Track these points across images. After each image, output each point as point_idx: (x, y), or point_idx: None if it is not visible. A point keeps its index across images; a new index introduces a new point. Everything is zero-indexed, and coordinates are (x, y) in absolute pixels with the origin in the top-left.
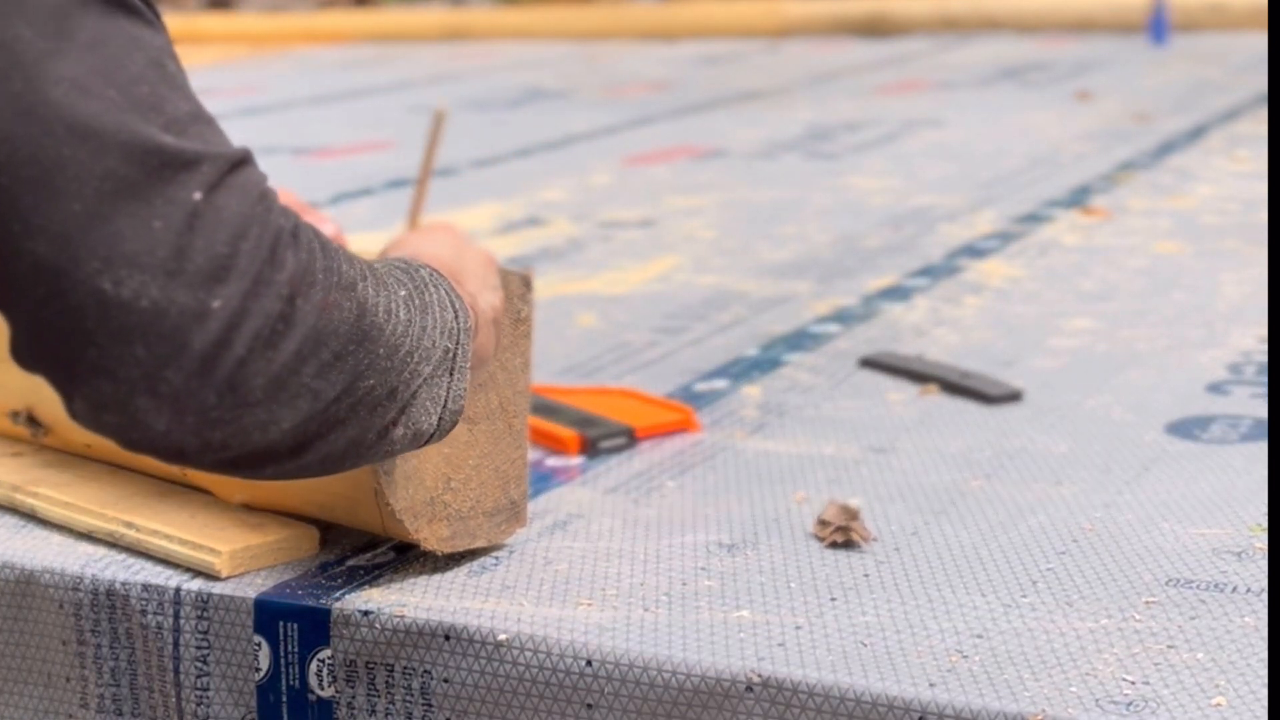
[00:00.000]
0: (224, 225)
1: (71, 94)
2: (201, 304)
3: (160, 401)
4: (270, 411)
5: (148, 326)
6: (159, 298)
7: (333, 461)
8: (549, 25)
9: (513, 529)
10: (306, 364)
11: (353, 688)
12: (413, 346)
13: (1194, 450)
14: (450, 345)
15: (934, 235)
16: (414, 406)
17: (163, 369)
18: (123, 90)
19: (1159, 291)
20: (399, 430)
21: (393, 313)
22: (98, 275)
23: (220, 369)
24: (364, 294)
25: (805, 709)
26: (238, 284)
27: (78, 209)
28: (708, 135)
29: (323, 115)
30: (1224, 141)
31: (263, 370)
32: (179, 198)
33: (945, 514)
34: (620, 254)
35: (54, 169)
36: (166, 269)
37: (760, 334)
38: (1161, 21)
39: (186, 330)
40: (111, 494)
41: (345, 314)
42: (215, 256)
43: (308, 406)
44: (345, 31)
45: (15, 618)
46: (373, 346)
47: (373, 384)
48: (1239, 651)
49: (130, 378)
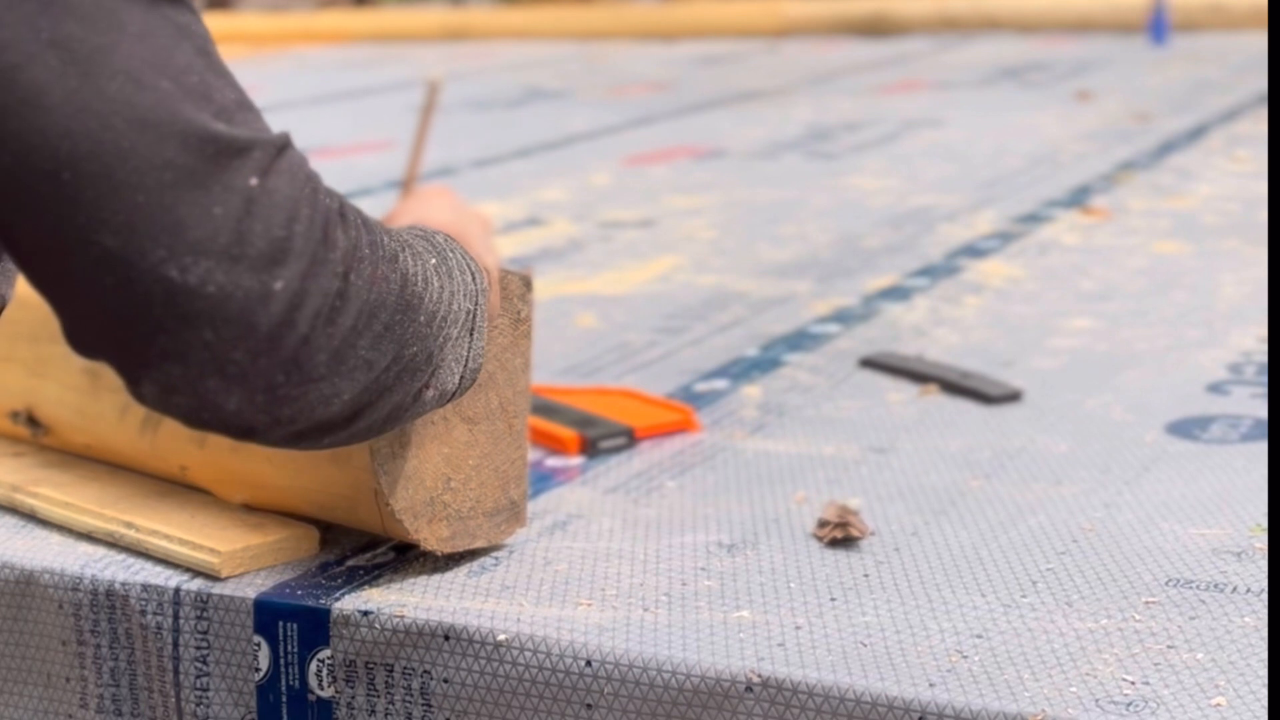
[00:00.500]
0: (279, 208)
1: (127, 87)
2: (264, 286)
3: (229, 382)
4: (333, 385)
5: (215, 311)
6: (224, 282)
7: (377, 427)
8: (549, 25)
9: (513, 529)
10: (362, 336)
11: (352, 688)
12: (445, 311)
13: (1194, 450)
14: (471, 307)
15: (934, 235)
16: (442, 368)
17: (231, 351)
18: (175, 80)
19: (1159, 291)
20: (430, 391)
21: (429, 281)
22: (164, 264)
23: (285, 347)
24: (405, 265)
25: (805, 709)
26: (296, 265)
27: (141, 200)
28: (708, 135)
29: (323, 115)
30: (1224, 141)
31: (324, 346)
32: (236, 184)
33: (945, 514)
34: (620, 254)
35: (115, 162)
36: (230, 254)
37: (760, 334)
38: (1161, 21)
39: (252, 312)
40: (111, 494)
41: (392, 285)
42: (274, 239)
43: (364, 377)
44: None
45: (15, 618)
46: (414, 315)
47: (415, 350)
48: (1239, 651)
49: (200, 360)
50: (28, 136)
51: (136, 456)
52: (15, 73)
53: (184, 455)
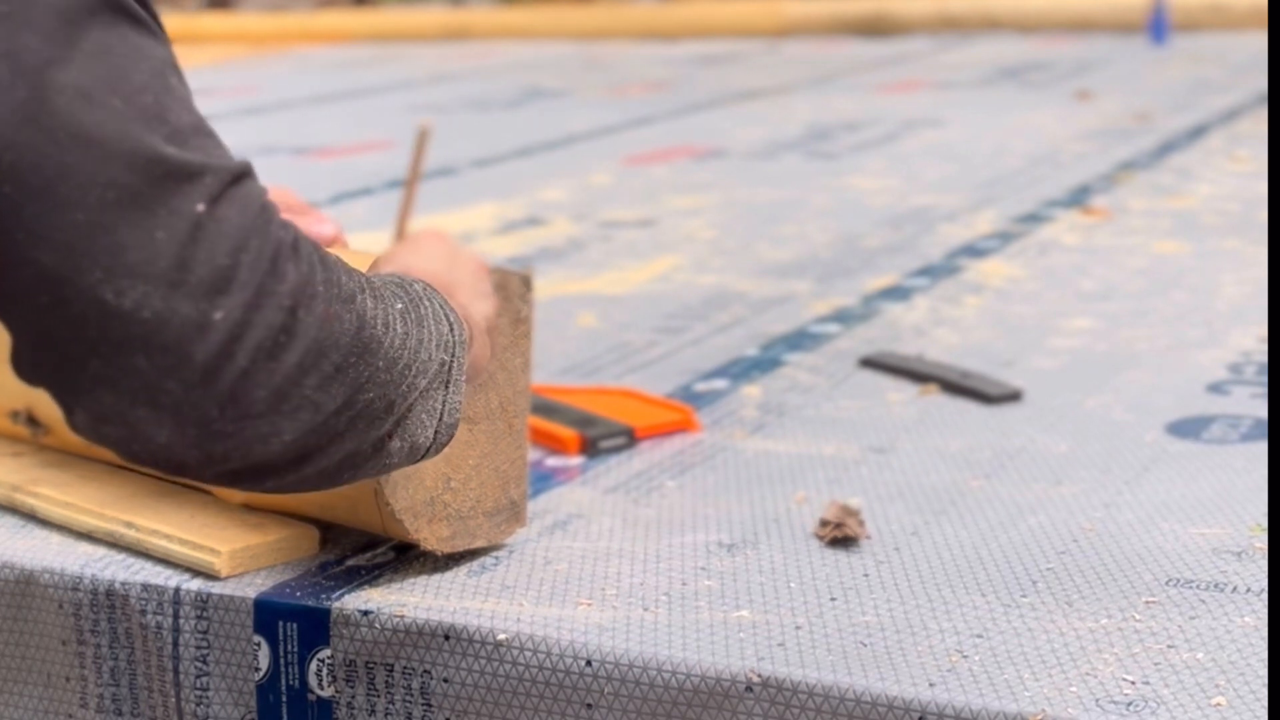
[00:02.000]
0: (226, 237)
1: (76, 102)
2: (203, 315)
3: (161, 413)
4: (272, 423)
5: (149, 337)
6: (161, 308)
7: (329, 475)
8: (549, 25)
9: (512, 529)
10: (308, 375)
11: (352, 687)
12: (410, 359)
13: (1194, 450)
14: (446, 358)
15: (934, 235)
16: (410, 419)
17: (164, 380)
18: (127, 100)
19: (1159, 291)
20: (395, 443)
21: (390, 325)
22: (100, 285)
23: (222, 380)
24: (363, 306)
25: (805, 709)
26: (239, 295)
27: (81, 218)
28: (708, 135)
29: (323, 115)
30: (1224, 141)
31: (264, 382)
32: (182, 209)
33: (945, 514)
34: (620, 254)
35: (57, 178)
36: (169, 280)
37: (760, 334)
38: (1161, 21)
39: (188, 341)
40: (111, 494)
41: (346, 325)
42: (217, 268)
43: (309, 418)
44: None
45: (15, 618)
46: (372, 359)
47: (372, 397)
48: (1239, 651)
49: (131, 389)
50: None
51: None
52: None
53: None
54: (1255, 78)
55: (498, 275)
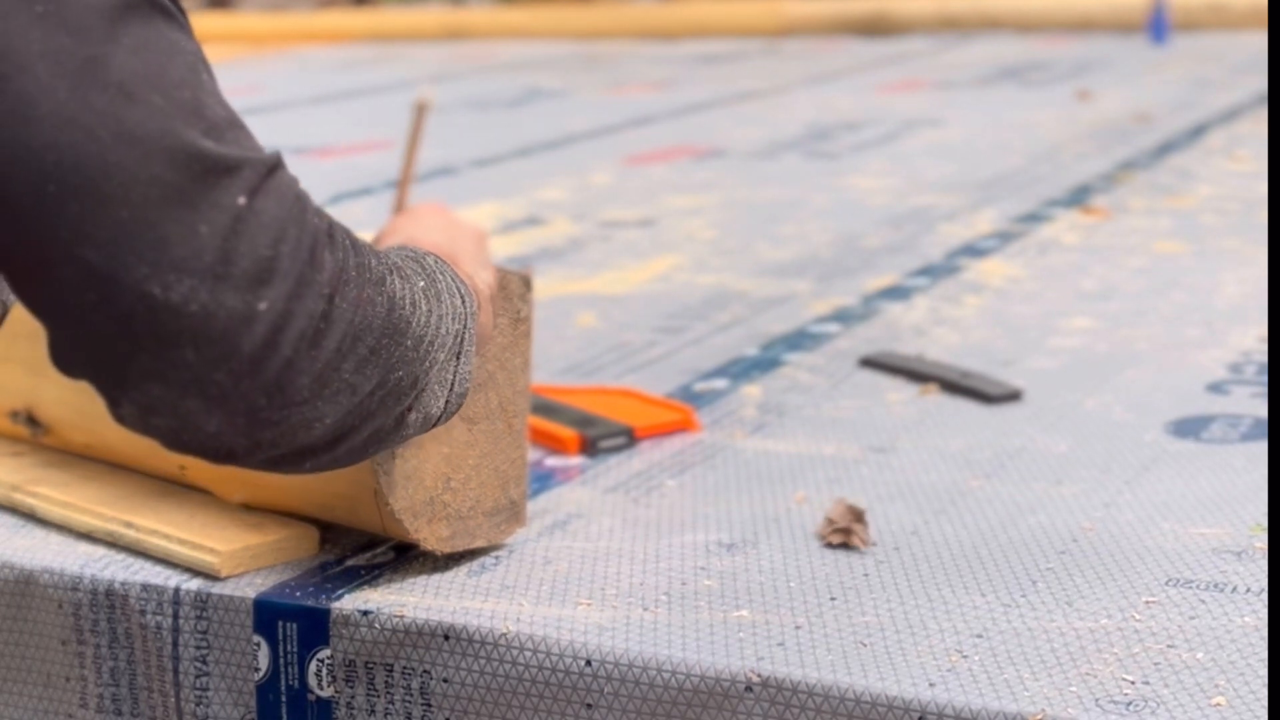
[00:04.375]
0: (266, 228)
1: (117, 100)
2: (249, 306)
3: (210, 404)
4: (315, 409)
5: (197, 330)
6: (208, 301)
7: (358, 451)
8: (549, 25)
9: (512, 529)
10: (346, 360)
11: (352, 688)
12: (433, 336)
13: (1194, 450)
14: (459, 329)
15: (934, 235)
16: (426, 392)
17: (213, 372)
18: (166, 96)
19: (1159, 291)
20: (413, 414)
21: (417, 304)
22: (147, 280)
23: (268, 370)
24: (392, 288)
25: (805, 709)
26: (281, 286)
27: (125, 215)
28: (708, 135)
29: (323, 115)
30: (1224, 141)
31: (308, 369)
32: (223, 202)
33: (945, 514)
34: (620, 254)
35: (101, 176)
36: (214, 273)
37: (760, 334)
38: (1161, 21)
39: (235, 333)
40: (111, 494)
41: (378, 309)
42: (259, 259)
43: (347, 401)
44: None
45: (15, 618)
46: (401, 339)
47: (401, 375)
48: (1239, 651)
49: (181, 381)
50: (14, 148)
51: (136, 456)
52: (4, 83)
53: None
54: (1255, 78)
55: (497, 275)
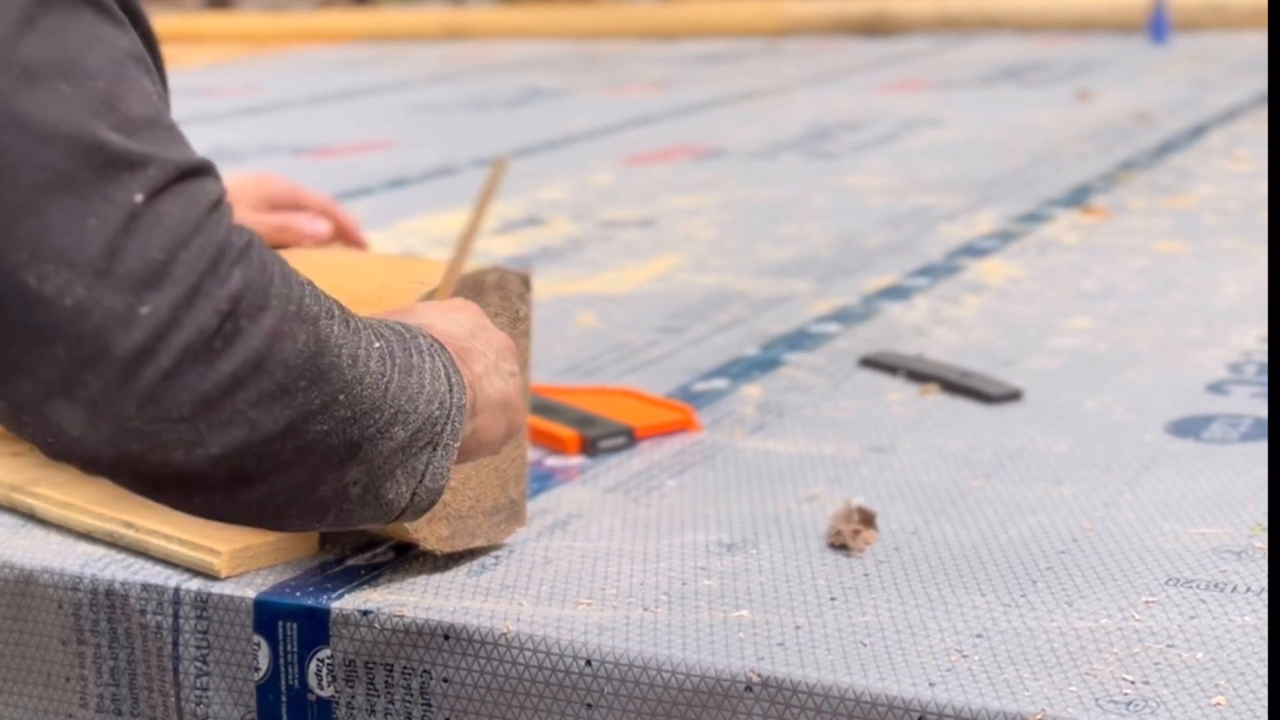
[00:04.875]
0: (163, 231)
1: (19, 83)
2: (129, 308)
3: (76, 405)
4: (195, 431)
5: (69, 326)
6: (84, 297)
7: (274, 508)
8: (549, 25)
9: (512, 528)
10: (243, 389)
11: (352, 687)
12: (384, 403)
13: (1194, 450)
14: (438, 415)
15: (934, 235)
16: (383, 473)
17: (81, 372)
18: (75, 84)
19: (1159, 291)
20: (357, 491)
21: (359, 360)
22: (23, 268)
23: (142, 378)
24: (325, 331)
25: (805, 709)
26: (170, 292)
27: (9, 199)
28: (708, 135)
29: (323, 115)
30: (1224, 141)
31: (190, 385)
32: (118, 198)
33: (945, 514)
34: (620, 254)
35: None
36: (95, 268)
37: (760, 334)
38: (1161, 21)
39: (110, 334)
40: (111, 493)
41: (298, 346)
42: (149, 261)
43: (242, 435)
44: (345, 31)
45: (15, 618)
46: (329, 389)
47: (326, 430)
48: (1239, 651)
49: (48, 378)
50: None
51: None
52: None
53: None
54: (1255, 78)
55: (497, 275)
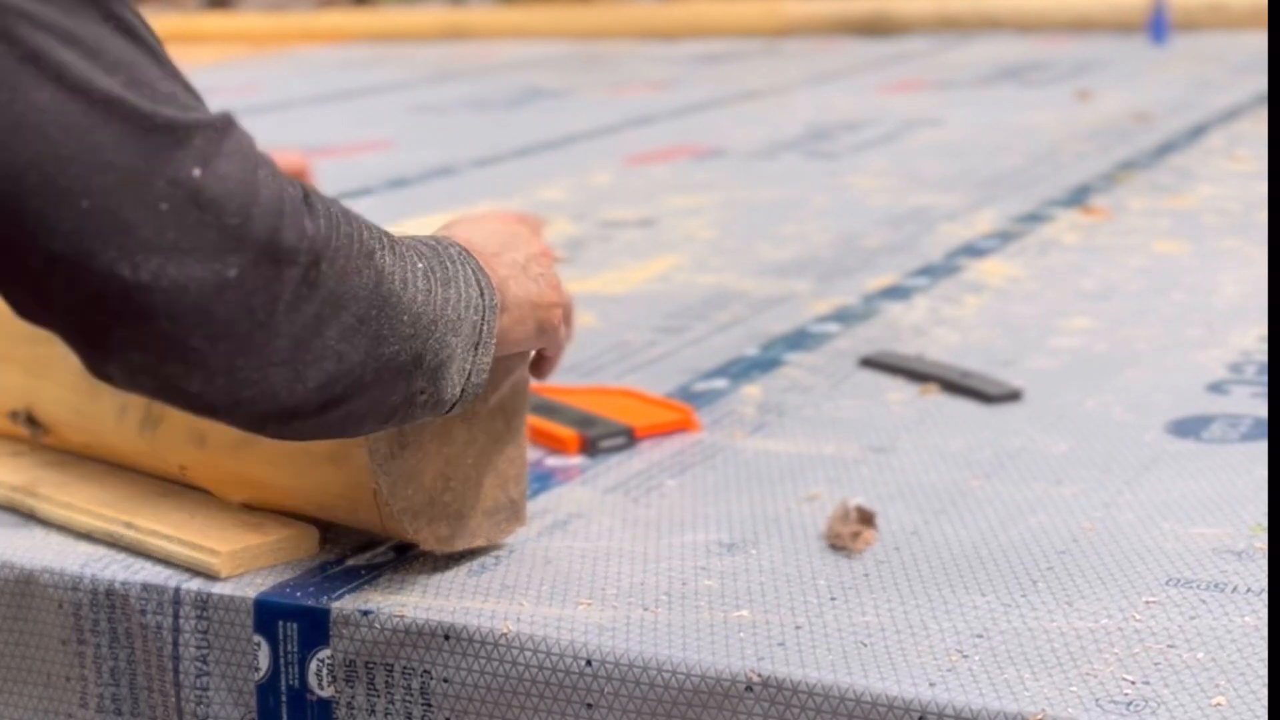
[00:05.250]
0: (229, 196)
1: (59, 95)
2: (218, 275)
3: (190, 367)
4: (295, 371)
5: (170, 304)
6: (177, 275)
7: (355, 421)
8: (549, 25)
9: (512, 528)
10: (328, 326)
11: (352, 688)
12: (435, 315)
13: (1194, 450)
14: (477, 320)
15: (934, 235)
16: (441, 376)
17: (189, 338)
18: (109, 76)
19: (1159, 291)
20: (423, 397)
21: (409, 282)
22: (115, 263)
23: (242, 333)
24: (381, 262)
25: (805, 709)
26: (249, 252)
27: (86, 205)
28: (708, 135)
29: (323, 115)
30: (1224, 141)
31: (285, 332)
32: (180, 177)
33: (945, 514)
34: (620, 254)
35: (56, 171)
36: (179, 248)
37: (760, 333)
38: (1161, 21)
39: (207, 302)
40: (111, 494)
41: (365, 280)
42: (225, 228)
43: (333, 367)
44: (345, 31)
45: (15, 618)
46: (392, 313)
47: (396, 349)
48: (1239, 651)
49: (159, 349)
50: None
51: (135, 456)
52: None
53: (183, 455)
54: (1255, 78)
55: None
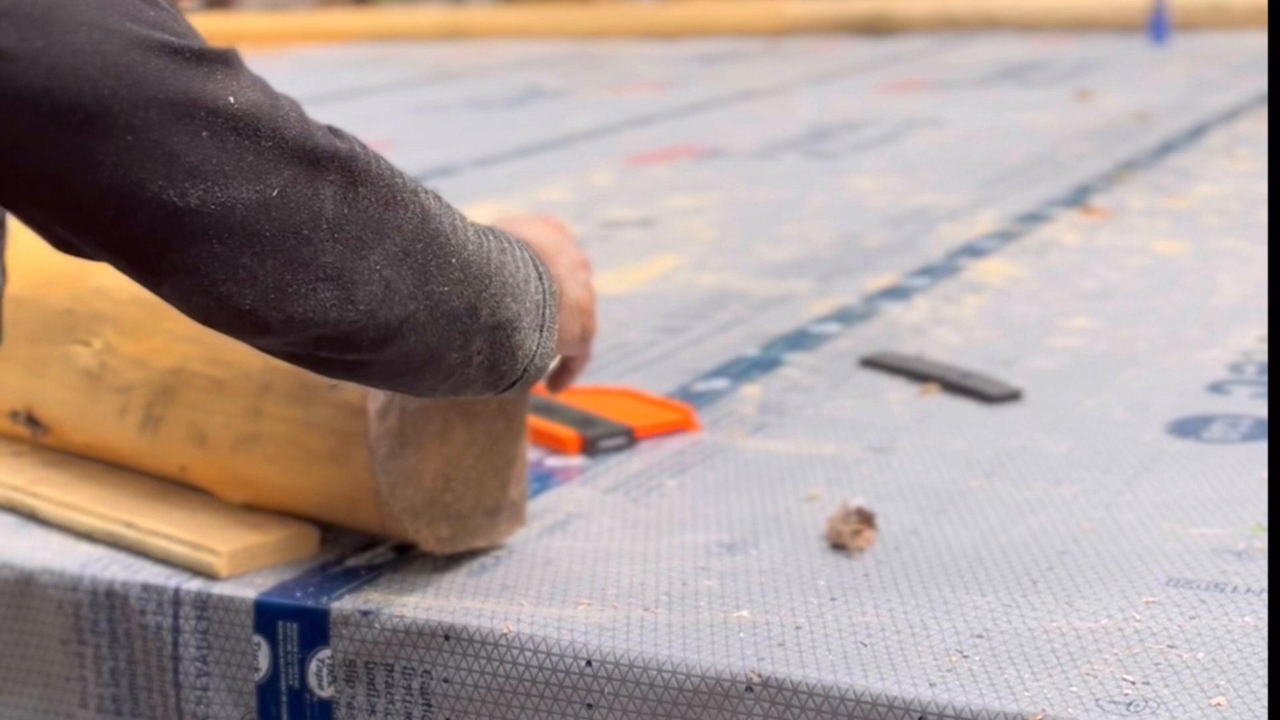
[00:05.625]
0: (263, 119)
1: (94, 36)
2: (262, 195)
3: (241, 285)
4: (344, 290)
5: (219, 225)
6: (223, 198)
7: (414, 369)
8: (549, 25)
9: (513, 529)
10: (372, 250)
11: (352, 688)
12: (489, 270)
13: (1194, 450)
14: (539, 300)
15: (934, 235)
16: (500, 343)
17: (239, 257)
18: (135, 18)
19: (1159, 291)
20: (479, 359)
21: (459, 230)
22: (164, 191)
23: (289, 249)
24: (427, 201)
25: (805, 709)
26: (289, 170)
27: (130, 139)
28: (708, 135)
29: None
30: (1224, 141)
31: (330, 250)
32: (218, 106)
33: (945, 514)
34: (620, 254)
35: (99, 110)
36: (223, 171)
37: (760, 334)
38: (1161, 21)
39: (254, 221)
40: (111, 494)
41: (410, 213)
42: (263, 150)
43: (381, 292)
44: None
45: (15, 618)
46: (441, 252)
47: (446, 291)
48: (1239, 651)
49: (211, 270)
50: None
51: (136, 456)
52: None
53: (183, 455)
54: (1255, 78)
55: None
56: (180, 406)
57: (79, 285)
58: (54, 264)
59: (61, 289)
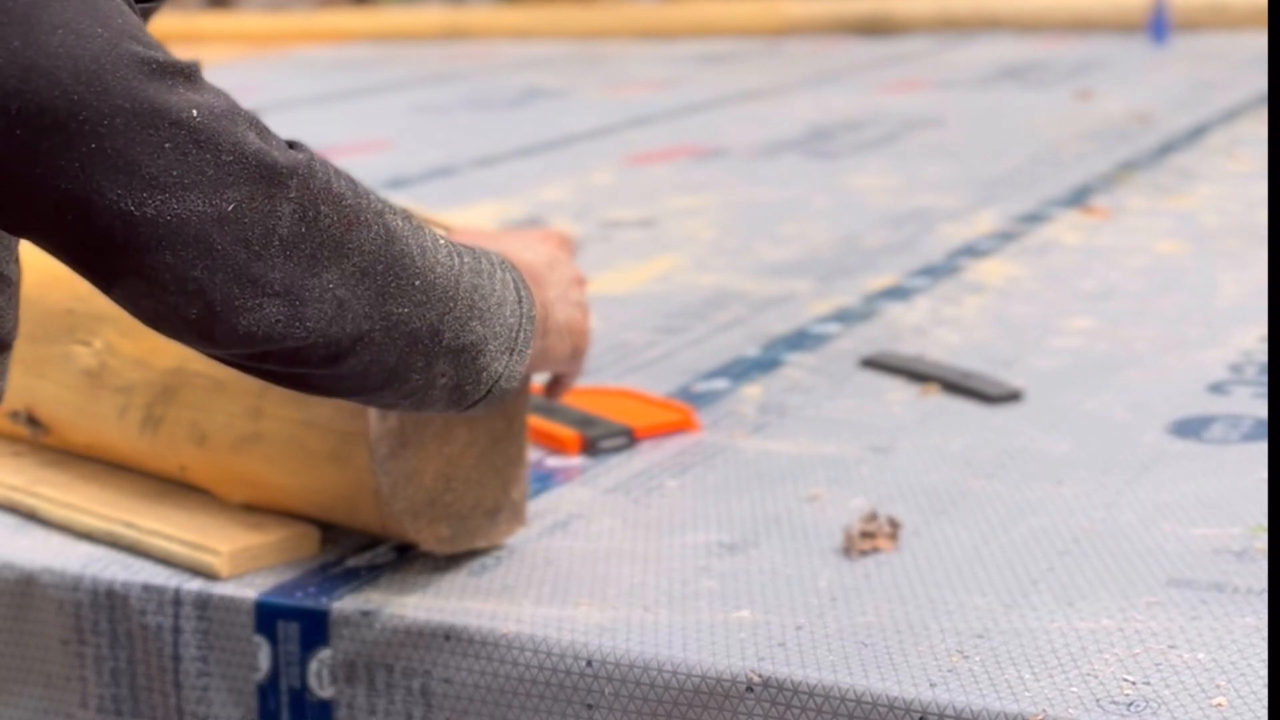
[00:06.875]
0: (224, 134)
1: (68, 40)
2: (218, 209)
3: (189, 297)
4: (292, 307)
5: (174, 237)
6: (179, 210)
7: (371, 385)
8: (549, 25)
9: (513, 529)
10: (327, 270)
11: (352, 688)
12: (459, 293)
13: (1194, 450)
14: (513, 323)
15: (934, 235)
16: (465, 365)
17: (190, 269)
18: (106, 25)
19: (1159, 291)
20: (444, 380)
21: (428, 251)
22: (122, 200)
23: (239, 262)
24: (392, 223)
25: (805, 709)
26: (249, 186)
27: (94, 146)
28: (708, 135)
29: (323, 115)
30: (1224, 141)
31: (280, 266)
32: (181, 118)
33: (945, 514)
34: (620, 254)
35: (67, 116)
36: (182, 184)
37: (760, 334)
38: (1162, 21)
39: (208, 235)
40: (111, 494)
41: (372, 233)
42: (222, 165)
43: (333, 312)
44: (345, 31)
45: (15, 618)
46: (404, 274)
47: (407, 312)
48: (1239, 652)
49: (161, 280)
50: None
51: (136, 456)
52: None
53: (183, 455)
54: (1255, 78)
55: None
56: (180, 406)
57: (79, 285)
58: (54, 264)
59: (61, 289)
